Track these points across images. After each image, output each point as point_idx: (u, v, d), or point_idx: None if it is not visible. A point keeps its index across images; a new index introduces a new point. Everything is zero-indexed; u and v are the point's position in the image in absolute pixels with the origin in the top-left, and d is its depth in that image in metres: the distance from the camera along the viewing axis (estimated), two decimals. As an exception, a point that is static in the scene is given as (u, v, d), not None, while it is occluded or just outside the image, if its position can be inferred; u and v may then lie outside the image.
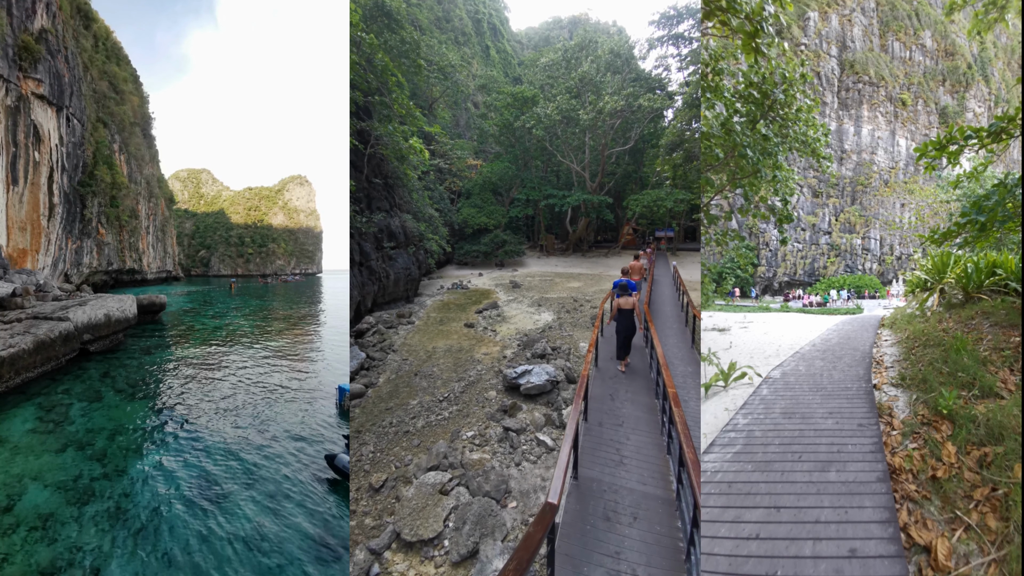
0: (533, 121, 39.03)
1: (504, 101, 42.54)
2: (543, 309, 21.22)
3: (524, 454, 8.71)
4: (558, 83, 43.32)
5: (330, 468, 7.96)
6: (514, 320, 19.43)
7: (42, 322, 14.76)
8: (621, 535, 4.48)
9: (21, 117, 29.27)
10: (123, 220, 48.31)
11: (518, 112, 41.11)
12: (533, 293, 25.58)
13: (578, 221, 44.54)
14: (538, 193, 43.63)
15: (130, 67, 61.56)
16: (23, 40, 29.07)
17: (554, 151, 42.65)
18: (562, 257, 43.26)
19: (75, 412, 10.80)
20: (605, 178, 43.95)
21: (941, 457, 3.88)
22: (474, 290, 27.43)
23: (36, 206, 31.46)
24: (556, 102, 38.78)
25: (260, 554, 5.89)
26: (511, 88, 45.17)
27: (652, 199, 38.79)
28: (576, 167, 42.77)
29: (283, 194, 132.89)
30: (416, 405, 10.98)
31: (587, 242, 46.22)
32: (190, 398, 12.10)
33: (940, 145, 6.13)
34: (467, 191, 45.03)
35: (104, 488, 7.41)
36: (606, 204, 42.35)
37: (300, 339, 21.81)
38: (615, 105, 36.82)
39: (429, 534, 6.48)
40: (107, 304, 18.52)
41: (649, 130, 43.92)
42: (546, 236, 46.81)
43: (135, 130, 57.30)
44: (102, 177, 41.82)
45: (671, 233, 44.43)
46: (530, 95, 41.38)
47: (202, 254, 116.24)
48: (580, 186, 42.90)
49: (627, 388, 8.37)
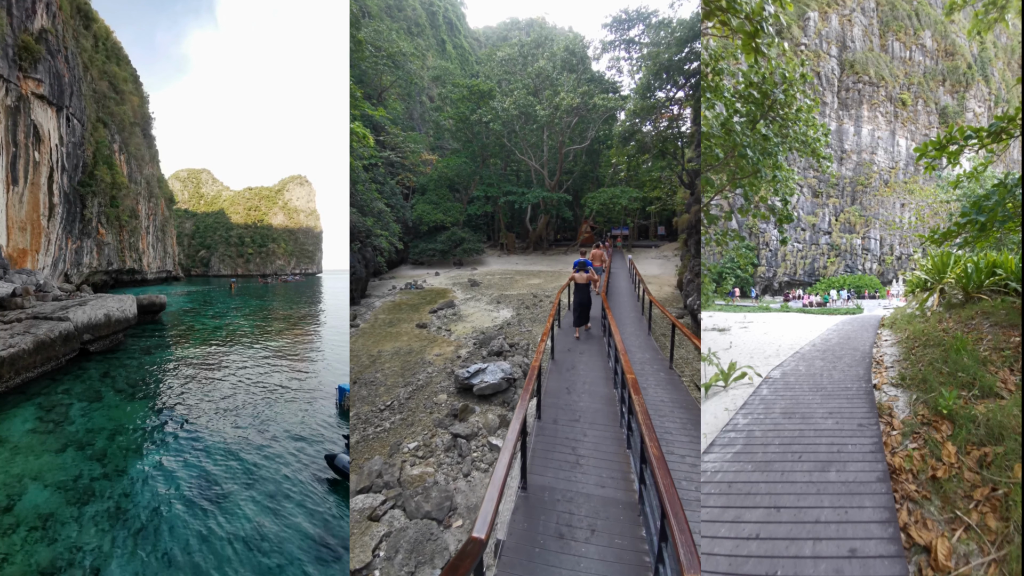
0: (490, 115, 38.52)
1: (459, 94, 41.61)
2: (502, 306, 20.67)
3: (474, 462, 8.17)
4: (515, 79, 43.09)
5: (330, 468, 7.96)
6: (471, 318, 18.87)
7: (42, 322, 14.76)
8: (577, 555, 3.92)
9: (21, 117, 29.26)
10: (123, 220, 48.31)
11: (474, 106, 40.36)
12: (492, 291, 24.71)
13: (538, 219, 44.62)
14: (497, 190, 43.10)
15: (130, 67, 61.55)
16: (23, 40, 29.06)
17: (512, 148, 42.52)
18: (523, 255, 43.06)
19: (75, 412, 10.80)
20: (563, 176, 44.29)
21: (941, 457, 3.87)
22: (429, 290, 26.38)
23: (36, 206, 31.45)
24: (513, 96, 38.53)
25: (260, 554, 5.89)
26: (467, 80, 44.37)
27: (608, 197, 39.38)
28: (535, 164, 42.84)
29: (283, 194, 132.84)
30: (351, 418, 10.28)
31: (547, 240, 46.57)
32: (190, 398, 12.10)
33: (940, 145, 6.13)
34: (422, 187, 44.12)
35: (104, 488, 7.41)
36: (565, 201, 42.53)
37: (300, 339, 21.81)
38: (571, 102, 36.91)
39: (355, 565, 5.84)
40: (107, 304, 18.51)
41: (604, 131, 44.40)
42: (506, 234, 46.48)
43: (135, 130, 57.28)
44: (102, 177, 41.81)
45: (626, 231, 46.39)
46: (486, 88, 40.80)
47: (202, 254, 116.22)
48: (539, 184, 42.85)
49: (585, 379, 8.17)
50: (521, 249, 45.67)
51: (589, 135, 42.32)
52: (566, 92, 37.42)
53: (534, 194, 40.84)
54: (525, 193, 41.39)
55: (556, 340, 10.36)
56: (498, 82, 44.59)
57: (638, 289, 16.38)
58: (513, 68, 45.03)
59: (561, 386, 7.84)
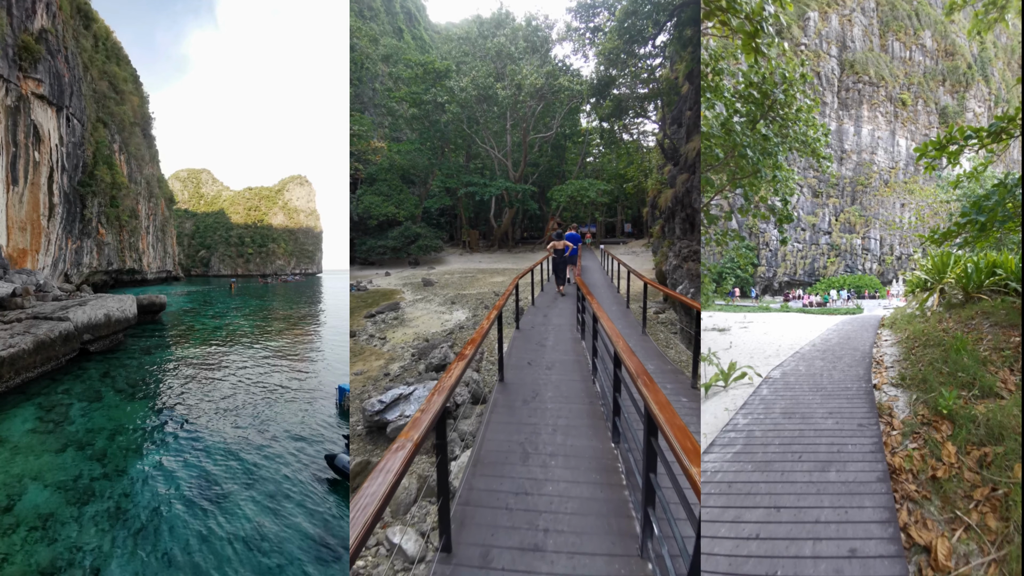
0: (446, 96, 35.46)
1: (412, 72, 37.70)
2: (457, 307, 18.52)
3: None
4: (474, 58, 39.59)
5: (330, 468, 7.95)
6: (416, 322, 16.26)
7: (42, 322, 14.76)
8: None
9: (21, 117, 29.26)
10: (123, 220, 48.30)
11: (428, 86, 36.91)
12: (448, 290, 22.39)
13: (503, 214, 41.96)
14: (456, 181, 39.69)
15: (130, 67, 61.55)
16: (23, 40, 29.06)
17: (473, 136, 39.49)
18: (487, 253, 40.56)
19: (75, 412, 10.80)
20: (528, 168, 41.83)
21: (941, 457, 3.86)
22: (375, 291, 23.78)
23: (36, 206, 31.45)
24: (471, 76, 35.52)
25: (260, 554, 5.89)
26: (420, 57, 40.34)
27: (575, 189, 37.52)
28: (498, 155, 40.42)
29: (283, 194, 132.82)
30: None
31: (513, 237, 44.54)
32: (190, 398, 12.10)
33: (940, 145, 6.13)
34: (370, 177, 39.85)
35: (104, 488, 7.41)
36: (530, 193, 40.08)
37: (300, 339, 21.80)
38: (535, 82, 34.31)
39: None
40: (107, 304, 18.51)
41: (569, 125, 42.82)
42: (469, 231, 43.64)
43: (135, 130, 57.28)
44: (102, 177, 41.80)
45: (593, 229, 45.63)
46: (443, 68, 37.27)
47: (202, 254, 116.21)
48: (503, 175, 40.31)
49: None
50: (485, 247, 43.10)
51: (555, 125, 40.19)
52: (529, 70, 34.77)
53: (497, 185, 37.98)
54: (487, 185, 38.41)
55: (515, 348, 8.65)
56: (457, 64, 40.44)
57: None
58: (472, 48, 41.12)
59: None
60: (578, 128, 45.18)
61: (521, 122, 38.61)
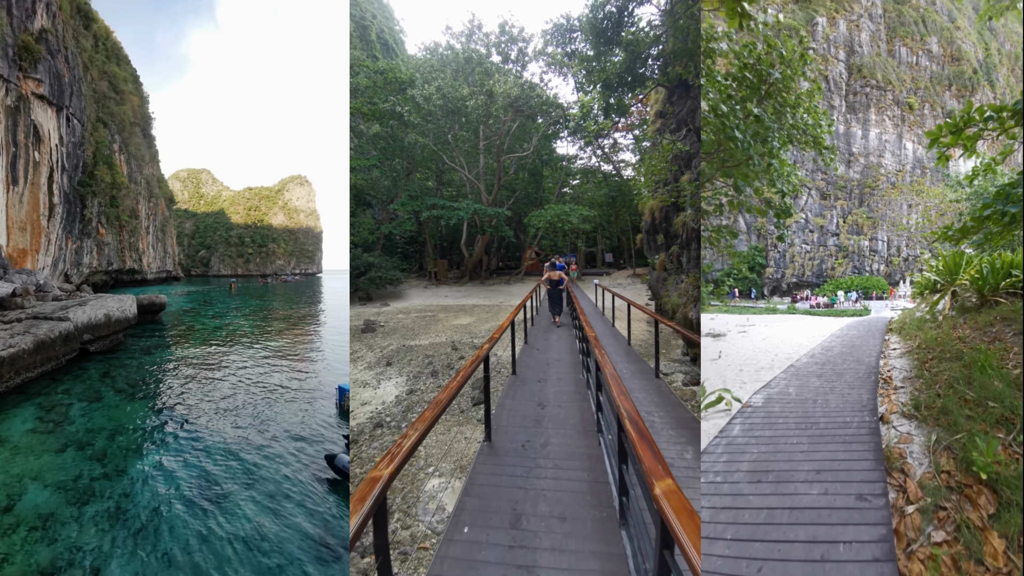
0: (408, 105, 31.90)
1: (370, 80, 33.62)
2: (392, 371, 13.37)
3: None
4: (443, 66, 35.34)
5: (330, 468, 7.94)
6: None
7: (42, 322, 14.75)
8: None
9: (21, 117, 29.26)
10: (123, 220, 48.30)
11: (388, 94, 33.51)
12: (391, 340, 17.61)
13: (475, 241, 37.01)
14: (419, 203, 34.65)
15: (130, 67, 61.57)
16: (23, 40, 29.06)
17: (441, 154, 35.76)
18: (456, 286, 35.48)
19: (75, 412, 10.79)
20: (504, 192, 37.69)
21: (983, 559, 2.45)
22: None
23: (36, 206, 31.45)
24: (436, 84, 31.70)
25: (260, 554, 5.88)
26: (379, 64, 35.90)
27: (555, 214, 33.85)
28: (469, 176, 36.73)
29: (283, 194, 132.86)
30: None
31: (487, 268, 39.44)
32: (190, 398, 12.08)
33: (956, 128, 4.99)
34: None
35: (104, 488, 7.40)
36: (504, 218, 34.98)
37: (300, 339, 21.79)
38: (509, 91, 30.75)
39: None
40: (107, 304, 18.50)
41: (547, 150, 39.56)
42: (436, 261, 38.96)
43: (135, 130, 57.29)
44: (102, 177, 41.80)
45: (572, 259, 40.55)
46: (405, 77, 33.46)
47: (202, 254, 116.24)
48: (476, 199, 36.24)
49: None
50: (455, 279, 38.21)
51: (531, 144, 36.59)
52: (501, 77, 31.41)
53: (466, 207, 33.06)
54: (456, 208, 33.46)
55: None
56: (423, 75, 35.86)
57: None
58: (440, 62, 36.42)
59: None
60: (555, 155, 41.99)
61: (495, 139, 34.95)
